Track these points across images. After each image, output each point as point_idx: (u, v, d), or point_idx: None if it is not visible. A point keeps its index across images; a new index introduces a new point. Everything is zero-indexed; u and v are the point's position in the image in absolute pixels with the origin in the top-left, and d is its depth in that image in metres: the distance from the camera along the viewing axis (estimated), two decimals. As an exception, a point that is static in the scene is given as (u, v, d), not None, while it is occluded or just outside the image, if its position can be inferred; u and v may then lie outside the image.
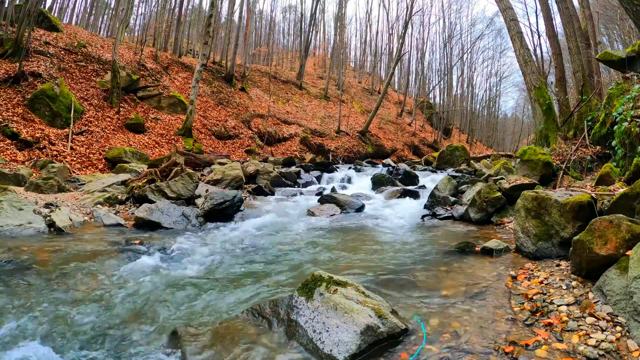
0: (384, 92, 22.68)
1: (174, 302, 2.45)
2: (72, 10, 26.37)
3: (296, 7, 44.14)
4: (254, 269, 3.14)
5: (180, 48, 20.76)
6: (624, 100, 4.88)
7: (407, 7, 23.01)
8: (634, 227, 2.13)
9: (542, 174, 5.89)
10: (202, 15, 26.93)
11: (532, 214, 3.19)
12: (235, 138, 15.87)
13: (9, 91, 9.72)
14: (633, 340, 1.74)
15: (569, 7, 9.56)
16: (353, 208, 5.87)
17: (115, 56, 12.28)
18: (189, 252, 3.58)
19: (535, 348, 1.76)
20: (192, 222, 4.79)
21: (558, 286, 2.39)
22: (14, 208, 4.30)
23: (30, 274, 2.81)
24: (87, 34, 17.69)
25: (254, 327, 2.03)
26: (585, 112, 7.85)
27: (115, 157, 9.16)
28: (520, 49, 9.16)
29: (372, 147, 21.04)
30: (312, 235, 4.35)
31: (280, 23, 43.97)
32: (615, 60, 6.19)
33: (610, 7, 18.40)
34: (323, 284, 2.09)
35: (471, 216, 4.85)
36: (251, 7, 25.52)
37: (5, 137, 8.32)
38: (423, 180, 9.26)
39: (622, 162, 4.69)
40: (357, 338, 1.75)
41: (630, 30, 14.44)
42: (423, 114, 31.84)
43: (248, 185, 7.70)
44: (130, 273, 2.93)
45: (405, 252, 3.57)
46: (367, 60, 38.72)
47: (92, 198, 5.63)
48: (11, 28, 12.43)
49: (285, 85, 24.75)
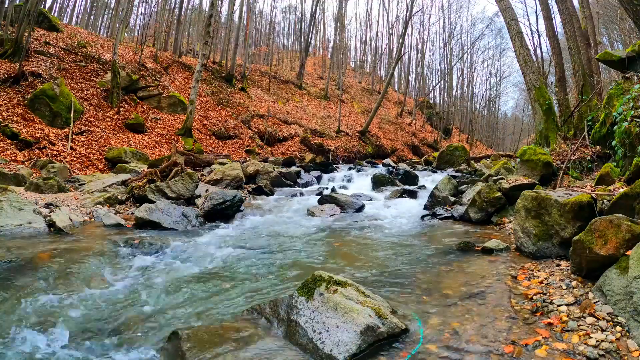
0: (384, 92, 22.67)
1: (173, 302, 2.45)
2: (72, 10, 26.38)
3: (296, 7, 44.18)
4: (253, 269, 3.14)
5: (180, 48, 20.76)
6: (624, 100, 4.87)
7: (407, 7, 23.03)
8: (634, 227, 2.13)
9: (542, 174, 5.89)
10: (202, 15, 26.91)
11: (532, 214, 3.19)
12: (235, 138, 15.87)
13: (9, 91, 9.72)
14: (633, 340, 1.74)
15: (569, 7, 9.56)
16: (353, 208, 5.87)
17: (115, 56, 12.28)
18: (188, 252, 3.58)
19: (535, 348, 1.76)
20: (192, 222, 4.79)
21: (558, 286, 2.39)
22: (14, 208, 4.30)
23: (30, 273, 2.81)
24: (87, 34, 17.69)
25: (254, 327, 2.03)
26: (585, 112, 7.85)
27: (115, 157, 9.16)
28: (520, 49, 9.16)
29: (372, 147, 21.04)
30: (312, 235, 4.35)
31: (280, 23, 43.99)
32: (615, 60, 6.19)
33: (610, 7, 18.41)
34: (323, 284, 2.09)
35: (471, 216, 4.85)
36: (251, 7, 25.54)
37: (5, 137, 8.32)
38: (423, 180, 9.26)
39: (622, 162, 4.69)
40: (357, 338, 1.75)
41: (630, 30, 14.43)
42: (423, 114, 31.83)
43: (248, 185, 7.70)
44: (129, 273, 2.93)
45: (405, 251, 3.57)
46: (367, 60, 38.75)
47: (92, 198, 5.63)
48: (11, 28, 12.43)
49: (285, 85, 24.75)
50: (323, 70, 33.75)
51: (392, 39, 33.69)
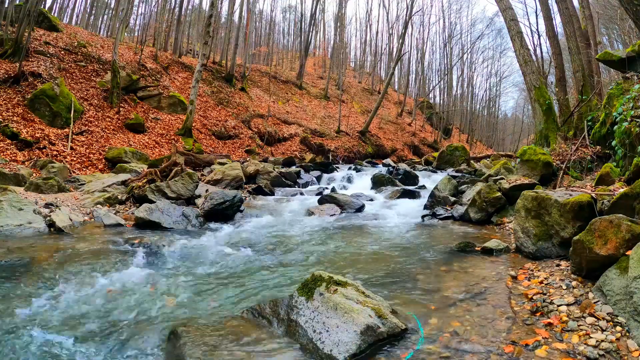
0: (384, 92, 22.67)
1: (173, 302, 2.45)
2: (72, 10, 26.36)
3: (296, 7, 44.22)
4: (253, 269, 3.14)
5: (180, 48, 20.76)
6: (624, 100, 4.87)
7: (407, 7, 23.03)
8: (634, 227, 2.13)
9: (542, 174, 5.89)
10: (202, 15, 26.92)
11: (532, 214, 3.19)
12: (235, 138, 15.87)
13: (9, 91, 9.72)
14: (633, 340, 1.74)
15: (569, 7, 9.56)
16: (353, 208, 5.87)
17: (115, 56, 12.28)
18: (188, 252, 3.58)
19: (535, 348, 1.76)
20: (192, 222, 4.79)
21: (558, 286, 2.39)
22: (14, 208, 4.30)
23: (30, 273, 2.81)
24: (87, 34, 17.69)
25: (254, 327, 2.03)
26: (585, 112, 7.85)
27: (115, 157, 9.15)
28: (520, 49, 9.15)
29: (372, 147, 21.03)
30: (312, 235, 4.35)
31: (280, 23, 43.96)
32: (615, 60, 6.18)
33: (610, 7, 18.40)
34: (323, 284, 2.09)
35: (471, 216, 4.85)
36: (251, 7, 25.53)
37: (5, 137, 8.32)
38: (423, 180, 9.27)
39: (622, 162, 4.69)
40: (357, 338, 1.75)
41: (630, 30, 14.43)
42: (423, 114, 31.82)
43: (248, 185, 7.70)
44: (129, 273, 2.93)
45: (405, 251, 3.57)
46: (367, 60, 38.72)
47: (92, 198, 5.63)
48: (11, 28, 12.43)
49: (285, 85, 24.74)
50: (323, 70, 33.75)
51: (392, 39, 33.71)
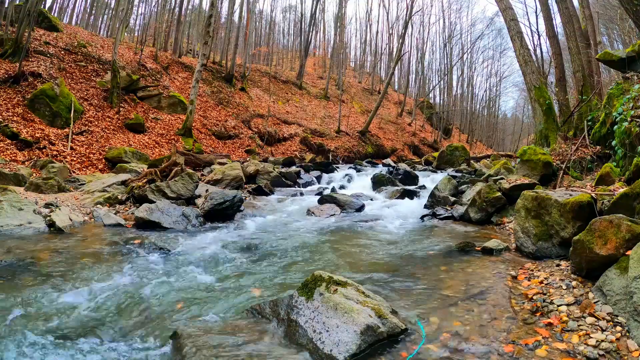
0: (384, 92, 22.67)
1: (173, 302, 2.45)
2: (72, 10, 26.32)
3: (296, 7, 44.17)
4: (253, 269, 3.14)
5: (180, 48, 20.75)
6: (624, 100, 4.87)
7: (407, 7, 23.02)
8: (634, 227, 2.13)
9: (542, 174, 5.89)
10: (202, 15, 26.90)
11: (532, 214, 3.19)
12: (235, 138, 15.87)
13: (9, 91, 9.72)
14: (633, 340, 1.74)
15: (569, 7, 9.56)
16: (353, 208, 5.87)
17: (115, 56, 12.28)
18: (188, 252, 3.58)
19: (535, 348, 1.77)
20: (192, 222, 4.79)
21: (558, 286, 2.39)
22: (14, 208, 4.30)
23: (30, 273, 2.81)
24: (87, 34, 17.68)
25: (254, 327, 2.03)
26: (585, 112, 7.85)
27: (115, 157, 9.15)
28: (520, 49, 9.15)
29: (372, 147, 21.03)
30: (312, 235, 4.35)
31: (280, 23, 43.96)
32: (615, 60, 6.18)
33: (610, 7, 18.41)
34: (323, 284, 2.09)
35: (471, 216, 4.85)
36: (251, 7, 25.54)
37: (5, 137, 8.31)
38: (423, 180, 9.26)
39: (622, 162, 4.69)
40: (357, 338, 1.75)
41: (630, 30, 14.44)
42: (423, 114, 31.83)
43: (248, 185, 7.70)
44: (129, 273, 2.93)
45: (405, 251, 3.57)
46: (367, 60, 38.71)
47: (92, 198, 5.63)
48: (11, 28, 12.42)
49: (285, 85, 24.74)
50: (323, 70, 33.74)
51: (392, 39, 33.72)
